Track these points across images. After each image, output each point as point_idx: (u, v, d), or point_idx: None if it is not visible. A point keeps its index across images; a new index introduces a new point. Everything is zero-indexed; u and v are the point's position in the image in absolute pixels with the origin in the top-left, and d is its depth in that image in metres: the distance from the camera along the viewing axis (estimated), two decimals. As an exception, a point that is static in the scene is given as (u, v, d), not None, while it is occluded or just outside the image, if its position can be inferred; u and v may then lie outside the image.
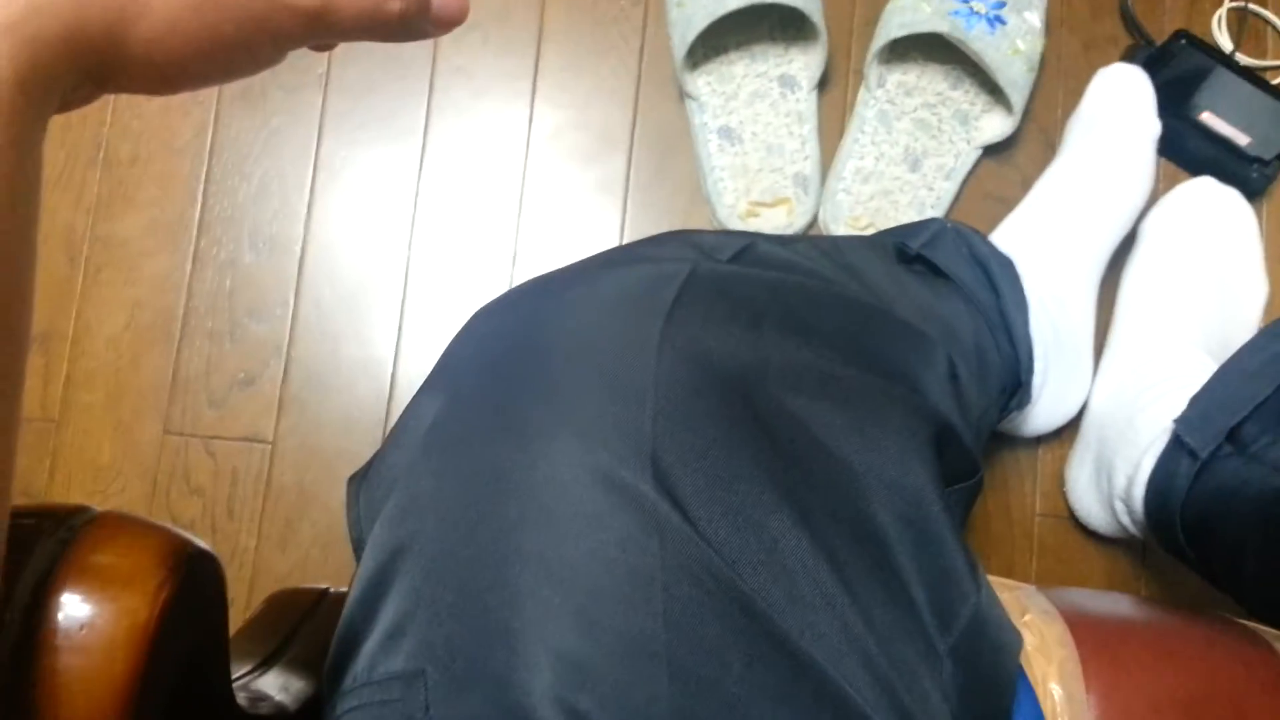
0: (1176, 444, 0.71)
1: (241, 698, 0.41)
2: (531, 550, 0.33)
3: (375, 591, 0.37)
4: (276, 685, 0.44)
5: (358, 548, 0.42)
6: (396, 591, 0.36)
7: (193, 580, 0.30)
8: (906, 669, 0.39)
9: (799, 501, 0.37)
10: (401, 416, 0.42)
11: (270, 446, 0.82)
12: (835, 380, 0.42)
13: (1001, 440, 0.88)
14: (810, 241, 0.57)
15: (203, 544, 0.32)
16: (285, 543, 0.80)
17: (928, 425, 0.45)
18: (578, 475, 0.34)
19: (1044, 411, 0.84)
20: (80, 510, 0.31)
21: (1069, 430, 0.87)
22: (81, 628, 0.28)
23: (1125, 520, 0.80)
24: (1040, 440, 0.88)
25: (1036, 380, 0.77)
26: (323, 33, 0.34)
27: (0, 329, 0.27)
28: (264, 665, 0.46)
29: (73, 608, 0.28)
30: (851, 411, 0.41)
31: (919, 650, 0.40)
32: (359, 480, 0.43)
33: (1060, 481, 0.88)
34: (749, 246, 0.48)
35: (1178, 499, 0.68)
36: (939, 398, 0.48)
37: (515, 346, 0.38)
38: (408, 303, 0.84)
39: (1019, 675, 0.47)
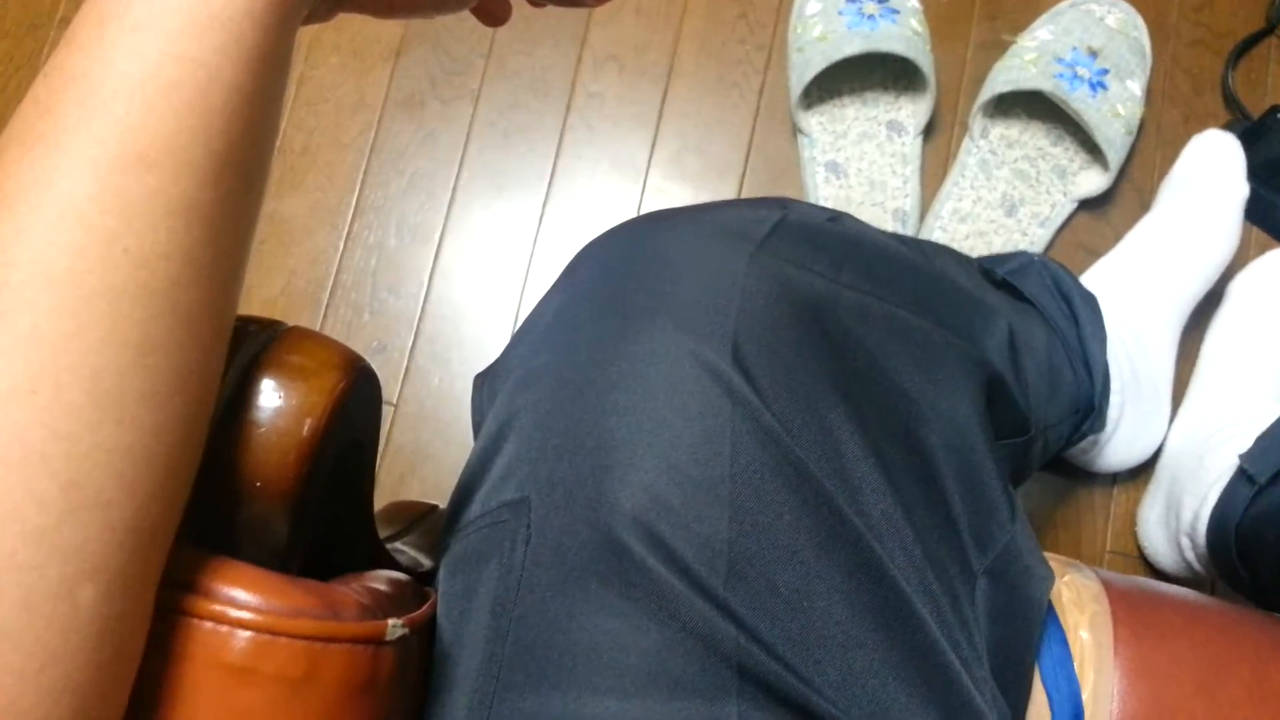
0: (1240, 475, 0.74)
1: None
2: (627, 406, 0.40)
3: (493, 447, 0.44)
4: (406, 550, 0.52)
5: (478, 431, 0.50)
6: (511, 443, 0.43)
7: (359, 386, 0.38)
8: (940, 568, 0.44)
9: (856, 407, 0.43)
10: (527, 318, 0.49)
11: (394, 408, 0.90)
12: (900, 322, 0.48)
13: (1078, 478, 0.91)
14: (898, 235, 0.64)
15: (369, 365, 0.39)
16: (396, 494, 0.88)
17: (980, 372, 0.50)
18: (670, 350, 0.41)
19: (1119, 448, 0.87)
20: (280, 322, 0.39)
21: (1145, 473, 0.91)
22: (277, 401, 0.36)
23: (1190, 556, 0.83)
24: (1116, 480, 0.92)
25: (1112, 413, 0.81)
26: None
27: (254, 167, 0.35)
28: (392, 539, 0.54)
29: (270, 388, 0.36)
30: (911, 348, 0.47)
31: (954, 558, 0.45)
32: (484, 375, 0.51)
33: (1132, 523, 0.91)
34: (840, 216, 0.55)
35: (1233, 522, 0.72)
36: (994, 355, 0.54)
37: (626, 257, 0.45)
38: (526, 291, 0.93)
39: (1050, 617, 0.52)
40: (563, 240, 0.95)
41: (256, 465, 0.35)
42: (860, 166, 0.95)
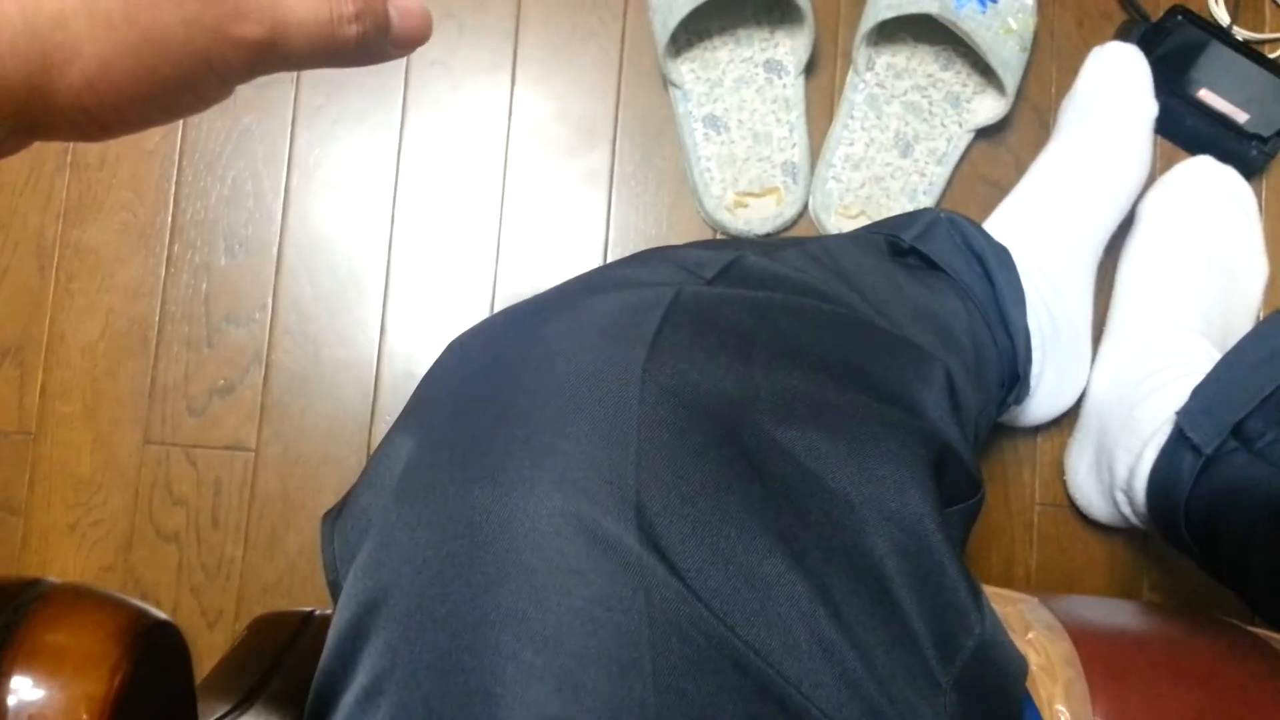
0: (1179, 437, 0.70)
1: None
2: (511, 609, 0.31)
3: (352, 644, 0.35)
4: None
5: (334, 590, 0.41)
6: (373, 646, 0.34)
7: (152, 655, 0.28)
8: (908, 709, 0.38)
9: (792, 542, 0.36)
10: (375, 453, 0.40)
11: (253, 454, 0.80)
12: (829, 408, 0.40)
13: (1000, 430, 0.86)
14: (799, 248, 0.55)
15: (160, 615, 0.30)
16: (272, 551, 0.78)
17: (927, 449, 0.43)
18: (558, 527, 0.32)
19: (1042, 401, 0.82)
20: (30, 586, 0.29)
21: (1068, 418, 0.86)
22: (32, 715, 0.26)
23: (1126, 510, 0.79)
24: (1039, 429, 0.87)
25: (1035, 371, 0.76)
26: (273, 64, 0.32)
27: None
28: (245, 702, 0.45)
29: (24, 692, 0.27)
30: (847, 440, 0.40)
31: (920, 689, 0.39)
32: (333, 519, 0.42)
33: (1059, 470, 0.87)
34: (735, 261, 0.46)
35: (1181, 494, 0.67)
36: (938, 416, 0.47)
37: (489, 384, 0.36)
38: (390, 302, 0.82)
39: (1025, 698, 0.46)
40: (422, 241, 0.84)
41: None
42: (741, 118, 0.85)
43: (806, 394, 0.40)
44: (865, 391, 0.42)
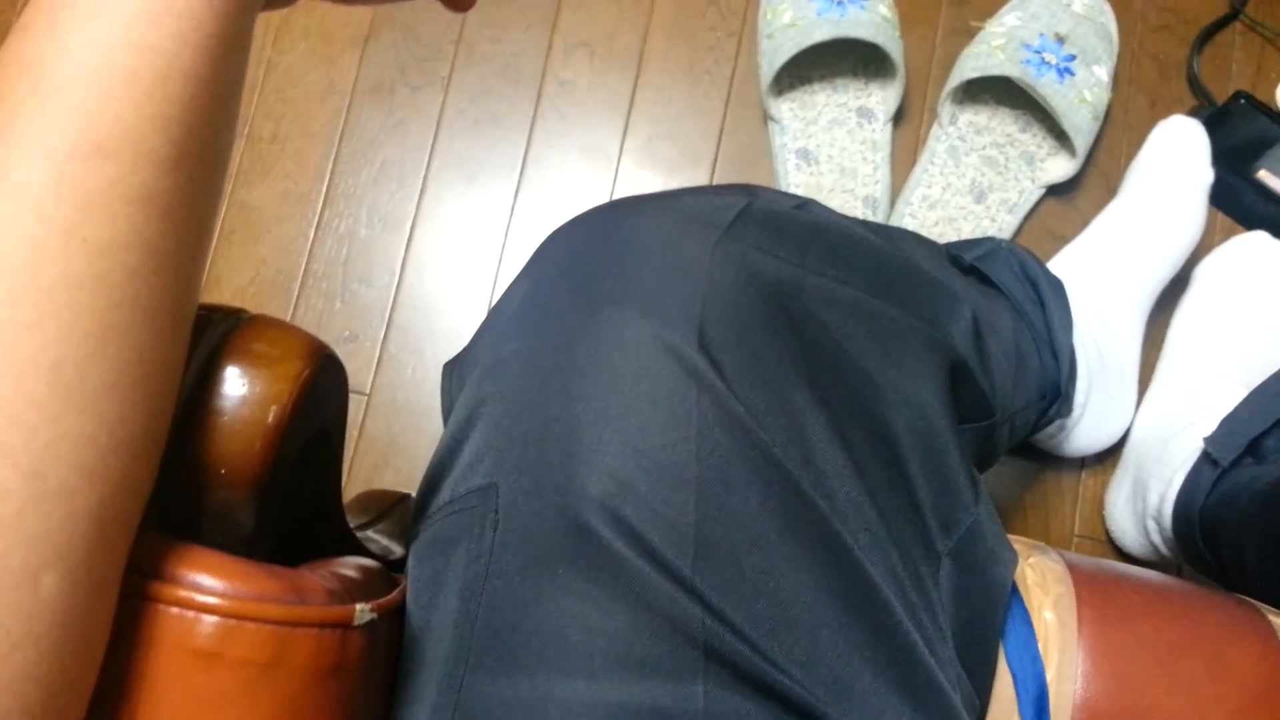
0: (1204, 458, 0.76)
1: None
2: (593, 392, 0.40)
3: (461, 434, 0.44)
4: (377, 538, 0.52)
5: (447, 419, 0.50)
6: (479, 430, 0.43)
7: (324, 373, 0.38)
8: (905, 550, 0.45)
9: (821, 391, 0.44)
10: (495, 305, 0.50)
11: (367, 398, 0.90)
12: (863, 306, 0.48)
13: (1046, 462, 0.92)
14: (865, 221, 0.64)
15: (334, 352, 0.39)
16: (370, 484, 0.88)
17: (943, 357, 0.51)
18: (636, 336, 0.41)
19: (1086, 432, 0.88)
20: (243, 310, 0.39)
21: (1111, 457, 0.92)
22: (241, 389, 0.36)
23: (1156, 539, 0.84)
24: (1084, 464, 0.93)
25: (1079, 397, 0.82)
26: None
27: (214, 155, 0.35)
28: (363, 527, 0.54)
29: (234, 376, 0.36)
30: (875, 333, 0.48)
31: (918, 540, 0.46)
32: (453, 363, 0.51)
33: (1100, 507, 0.92)
34: (806, 203, 0.55)
35: (1197, 504, 0.73)
36: (958, 340, 0.54)
37: (593, 243, 0.46)
38: (499, 280, 0.93)
39: (1014, 598, 0.52)
40: (535, 229, 0.95)
41: (221, 453, 0.35)
42: (831, 153, 0.95)
43: (846, 296, 0.48)
44: (896, 305, 0.51)
